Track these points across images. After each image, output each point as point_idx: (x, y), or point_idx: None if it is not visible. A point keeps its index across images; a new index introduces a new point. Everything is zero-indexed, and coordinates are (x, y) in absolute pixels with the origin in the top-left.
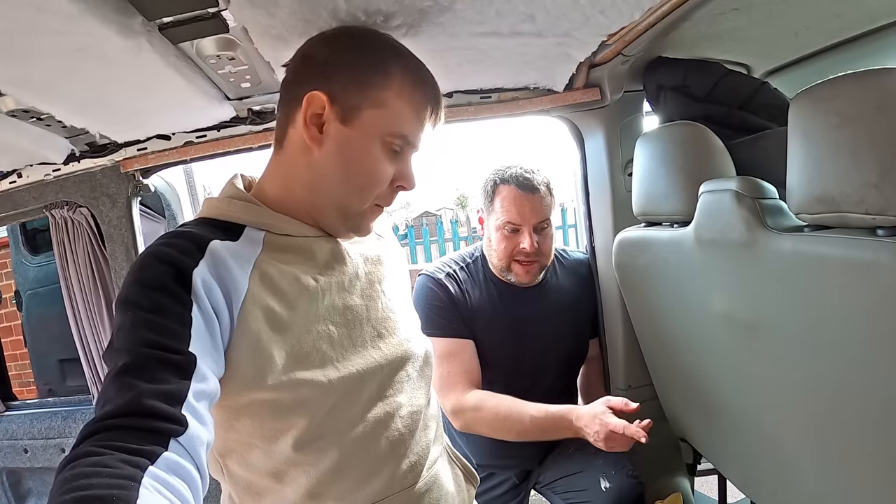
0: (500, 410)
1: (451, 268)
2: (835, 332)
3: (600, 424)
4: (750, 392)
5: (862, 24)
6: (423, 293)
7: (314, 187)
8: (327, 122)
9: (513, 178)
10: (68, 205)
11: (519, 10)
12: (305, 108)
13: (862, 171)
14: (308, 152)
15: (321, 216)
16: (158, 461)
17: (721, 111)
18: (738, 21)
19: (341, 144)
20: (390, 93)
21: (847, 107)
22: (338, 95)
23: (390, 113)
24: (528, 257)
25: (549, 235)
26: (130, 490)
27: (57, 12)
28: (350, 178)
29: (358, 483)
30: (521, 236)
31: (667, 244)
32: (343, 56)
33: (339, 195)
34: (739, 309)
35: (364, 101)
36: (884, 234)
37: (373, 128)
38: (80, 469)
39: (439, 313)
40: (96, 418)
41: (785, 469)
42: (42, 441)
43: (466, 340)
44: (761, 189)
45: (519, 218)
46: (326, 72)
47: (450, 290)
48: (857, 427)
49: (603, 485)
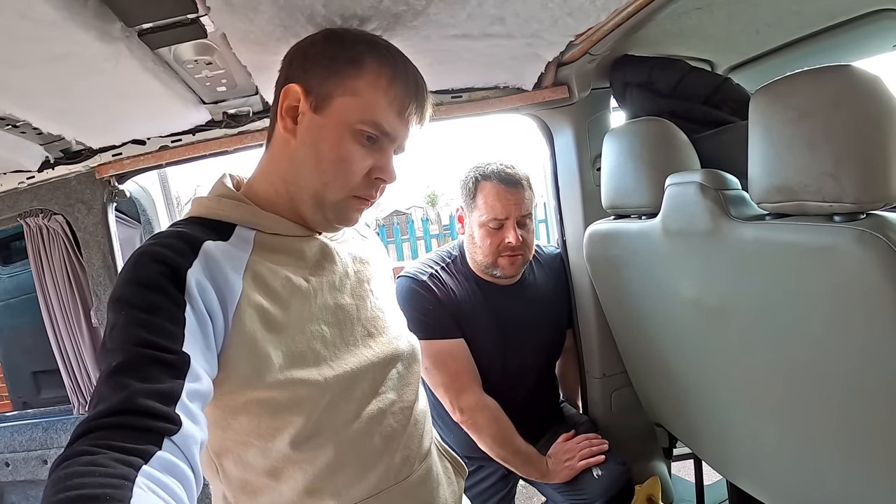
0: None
1: (433, 268)
2: (796, 313)
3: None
4: (720, 375)
5: (820, 21)
6: (409, 296)
7: (292, 178)
8: (302, 113)
9: (494, 174)
10: (43, 212)
11: (490, 14)
12: (282, 101)
13: (819, 161)
14: (286, 144)
15: (301, 208)
16: (152, 460)
17: (685, 106)
18: (702, 19)
19: (314, 133)
20: (363, 82)
21: (804, 101)
22: (313, 86)
23: (363, 101)
24: (513, 251)
25: (531, 229)
26: (124, 489)
27: (39, 19)
28: (323, 167)
29: (354, 478)
30: (505, 231)
31: (635, 235)
32: (321, 49)
33: (314, 184)
34: (707, 295)
35: (336, 89)
36: (840, 220)
37: (343, 115)
38: (74, 468)
39: (430, 316)
40: (89, 417)
41: (757, 448)
42: (24, 454)
43: (456, 340)
44: (724, 180)
45: (504, 213)
46: (305, 65)
47: (435, 292)
48: (822, 404)
49: (595, 472)
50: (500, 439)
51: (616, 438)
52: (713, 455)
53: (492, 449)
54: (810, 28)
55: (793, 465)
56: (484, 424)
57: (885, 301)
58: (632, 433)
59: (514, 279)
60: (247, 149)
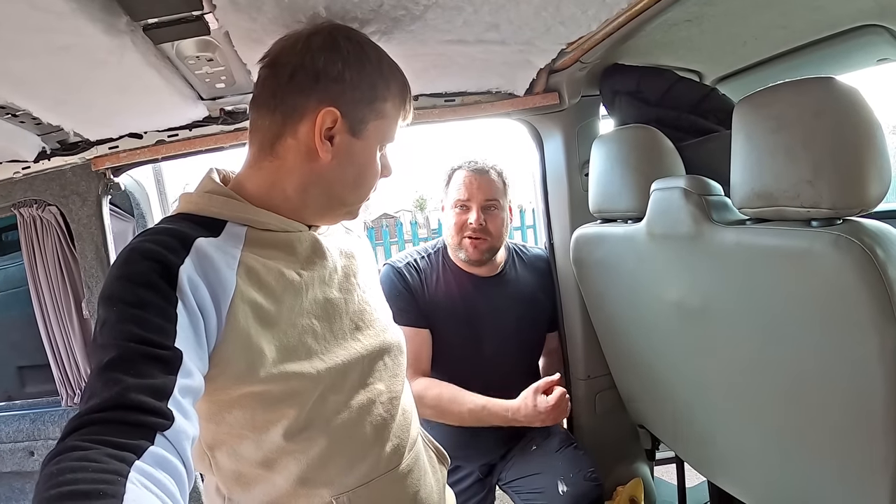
0: (441, 399)
1: (413, 257)
2: (775, 315)
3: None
4: (701, 377)
5: (806, 35)
6: (384, 282)
7: (320, 192)
8: (337, 136)
9: (465, 163)
10: (37, 203)
11: (485, 20)
12: (320, 124)
13: (798, 168)
14: (312, 160)
15: (313, 213)
16: (145, 455)
17: (672, 115)
18: (691, 31)
19: (351, 155)
20: (389, 104)
21: (784, 112)
22: (348, 110)
23: (388, 121)
24: (475, 233)
25: (497, 216)
26: (117, 485)
27: (48, 10)
28: (358, 182)
29: (345, 467)
30: (469, 213)
31: (621, 239)
32: (356, 73)
33: (347, 197)
34: (690, 298)
35: (371, 114)
36: (818, 225)
37: (376, 137)
38: (66, 464)
39: (395, 302)
40: (81, 412)
41: (739, 450)
42: (10, 444)
43: (419, 329)
44: (707, 186)
45: (466, 194)
46: (340, 88)
47: (408, 279)
48: (801, 405)
49: (560, 489)
50: (444, 418)
51: (599, 440)
52: (695, 457)
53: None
54: (797, 41)
55: (774, 466)
56: (431, 403)
57: (859, 303)
58: (615, 435)
59: (495, 271)
60: (242, 145)
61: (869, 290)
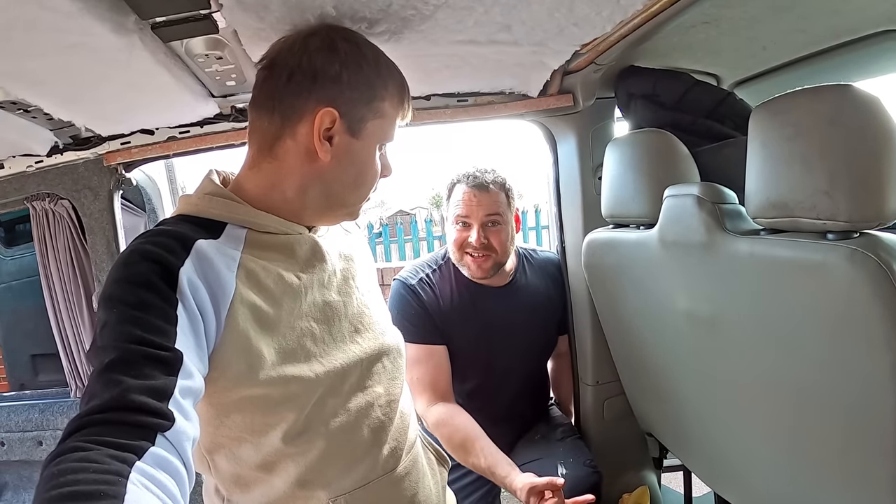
0: (451, 441)
1: (424, 271)
2: (787, 327)
3: None
4: (711, 387)
5: (825, 40)
6: (396, 299)
7: (319, 192)
8: (336, 136)
9: (465, 177)
10: (50, 196)
11: (496, 21)
12: (318, 125)
13: (814, 178)
14: (311, 161)
15: (313, 214)
16: (145, 456)
17: (688, 119)
18: (708, 33)
19: (350, 154)
20: (387, 103)
21: (802, 119)
22: (347, 110)
23: (387, 121)
24: (477, 251)
25: (500, 231)
26: (118, 486)
27: (57, 10)
28: (358, 182)
29: (344, 469)
30: (470, 230)
31: (633, 245)
32: (353, 73)
33: (348, 197)
34: (700, 307)
35: (369, 114)
36: (833, 238)
37: (375, 137)
38: (67, 465)
39: (411, 320)
40: (82, 413)
41: (747, 462)
42: (19, 434)
43: (437, 346)
44: (721, 194)
45: (466, 212)
46: (338, 88)
47: (422, 297)
48: (815, 419)
49: (560, 471)
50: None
51: (607, 446)
52: (702, 467)
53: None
54: (816, 46)
55: (781, 480)
56: (441, 436)
57: (873, 319)
58: (623, 442)
59: (505, 281)
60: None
61: (884, 306)
